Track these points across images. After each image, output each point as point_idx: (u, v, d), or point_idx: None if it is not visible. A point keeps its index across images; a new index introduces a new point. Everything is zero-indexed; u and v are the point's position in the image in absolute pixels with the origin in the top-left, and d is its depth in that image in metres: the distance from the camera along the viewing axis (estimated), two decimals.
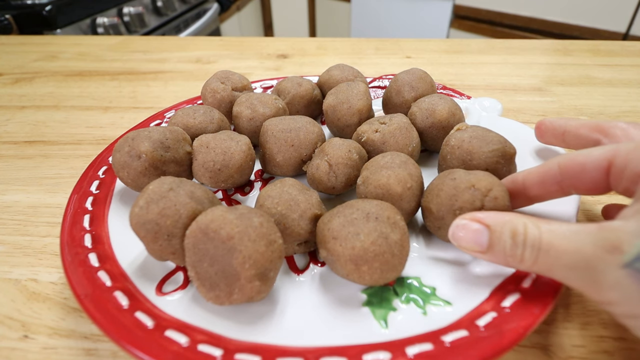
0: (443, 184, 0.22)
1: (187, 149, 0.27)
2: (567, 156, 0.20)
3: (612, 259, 0.15)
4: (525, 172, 0.22)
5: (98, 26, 0.95)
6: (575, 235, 0.16)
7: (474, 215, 0.19)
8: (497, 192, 0.20)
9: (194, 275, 0.20)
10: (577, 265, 0.16)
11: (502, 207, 0.20)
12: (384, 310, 0.20)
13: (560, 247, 0.16)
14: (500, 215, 0.18)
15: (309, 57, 0.59)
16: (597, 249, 0.15)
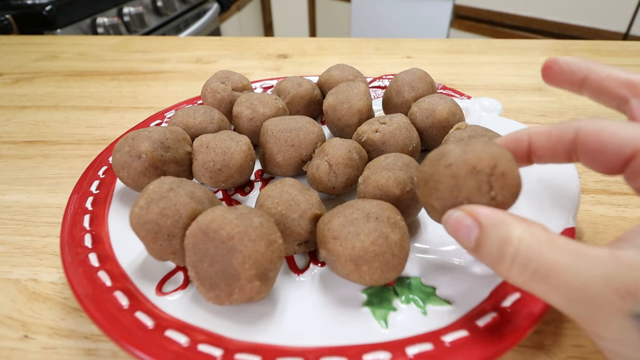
0: (438, 173, 0.18)
1: (187, 149, 0.27)
2: (589, 127, 0.17)
3: (623, 305, 0.13)
4: (533, 132, 0.19)
5: (98, 26, 0.95)
6: (583, 264, 0.13)
7: (470, 208, 0.17)
8: (504, 167, 0.17)
9: (194, 275, 0.20)
10: (579, 300, 0.13)
11: (512, 182, 0.17)
12: (384, 310, 0.20)
13: (562, 277, 0.13)
14: (498, 215, 0.16)
15: (309, 57, 0.59)
16: (607, 290, 0.13)
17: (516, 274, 0.15)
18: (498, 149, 0.17)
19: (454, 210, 0.17)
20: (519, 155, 0.19)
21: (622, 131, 0.16)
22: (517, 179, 0.17)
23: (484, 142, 0.18)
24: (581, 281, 0.13)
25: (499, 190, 0.17)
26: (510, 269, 0.15)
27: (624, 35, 1.17)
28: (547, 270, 0.14)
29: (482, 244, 0.16)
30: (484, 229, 0.16)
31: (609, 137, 0.16)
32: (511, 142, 0.19)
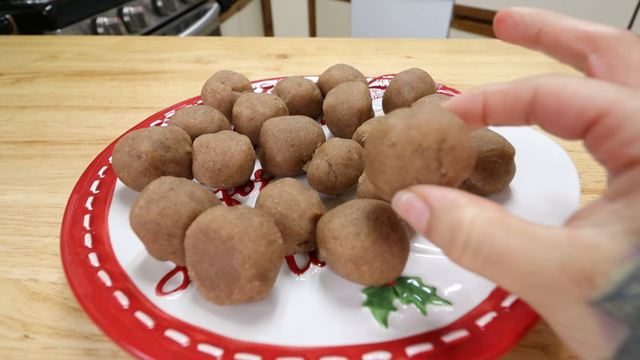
0: (382, 154, 0.16)
1: (187, 149, 0.27)
2: (549, 85, 0.14)
3: (579, 292, 0.12)
4: (489, 92, 0.16)
5: (98, 26, 0.95)
6: (538, 248, 0.12)
7: (420, 189, 0.15)
8: (453, 139, 0.15)
9: (194, 275, 0.20)
10: (534, 286, 0.13)
11: (463, 154, 0.15)
12: (384, 310, 0.20)
13: (516, 264, 0.13)
14: (450, 195, 0.14)
15: (309, 57, 0.59)
16: (562, 276, 0.12)
17: (468, 260, 0.14)
18: (445, 118, 0.16)
19: (404, 192, 0.16)
20: (472, 117, 0.17)
21: (585, 91, 0.14)
22: (469, 150, 0.16)
23: (430, 110, 0.16)
24: (535, 267, 0.12)
25: (449, 165, 0.15)
26: (462, 255, 0.14)
27: None
28: (500, 256, 0.13)
29: (434, 229, 0.14)
30: (434, 212, 0.14)
31: (570, 97, 0.14)
32: (465, 103, 0.17)
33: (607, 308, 0.12)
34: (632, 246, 0.11)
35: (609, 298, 0.11)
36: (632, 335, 0.11)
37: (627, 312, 0.11)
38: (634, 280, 0.11)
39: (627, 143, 0.12)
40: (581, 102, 0.13)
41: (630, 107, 0.12)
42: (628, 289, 0.11)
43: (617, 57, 0.16)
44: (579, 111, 0.14)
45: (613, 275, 0.11)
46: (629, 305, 0.11)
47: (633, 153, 0.12)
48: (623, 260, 0.11)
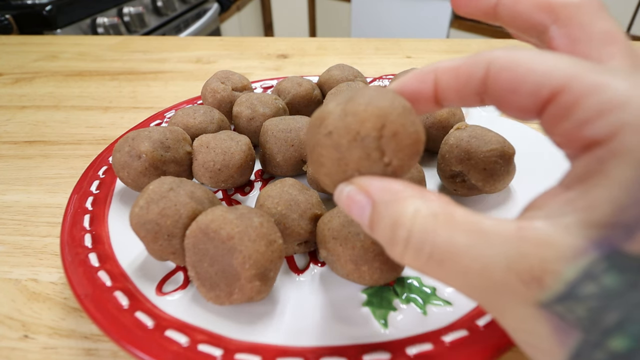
0: (320, 145, 0.15)
1: (187, 149, 0.27)
2: (502, 60, 0.13)
3: (527, 293, 0.11)
4: (440, 69, 0.15)
5: (98, 26, 0.95)
6: (483, 245, 0.11)
7: (361, 182, 0.14)
8: (394, 124, 0.14)
9: (194, 275, 0.20)
10: (480, 287, 0.11)
11: (408, 141, 0.14)
12: (384, 310, 0.20)
13: (459, 263, 0.11)
14: (392, 186, 0.13)
15: (309, 57, 0.59)
16: (509, 275, 0.11)
17: (411, 259, 0.12)
18: (385, 102, 0.14)
19: (345, 185, 0.14)
20: (423, 99, 0.15)
21: (540, 66, 0.12)
22: (414, 135, 0.14)
23: (370, 93, 0.14)
24: (480, 265, 0.11)
25: (392, 154, 0.14)
26: (404, 253, 0.12)
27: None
28: (443, 254, 0.12)
29: (376, 224, 0.13)
30: (376, 206, 0.13)
31: (524, 74, 0.12)
32: (413, 83, 0.15)
33: (557, 310, 0.11)
34: (586, 240, 0.10)
35: (559, 299, 0.10)
36: (585, 339, 0.10)
37: (580, 314, 0.10)
38: (587, 278, 0.10)
39: (583, 123, 0.11)
40: (535, 78, 0.12)
41: (587, 82, 0.11)
42: (580, 288, 0.10)
43: (578, 28, 0.14)
44: (533, 88, 0.12)
45: (564, 274, 0.10)
46: (581, 307, 0.10)
47: (590, 134, 0.11)
48: (576, 257, 0.10)
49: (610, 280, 0.10)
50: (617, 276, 0.10)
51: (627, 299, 0.10)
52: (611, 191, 0.10)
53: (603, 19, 0.14)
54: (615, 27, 0.14)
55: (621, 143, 0.10)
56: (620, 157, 0.10)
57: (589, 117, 0.11)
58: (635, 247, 0.10)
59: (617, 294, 0.10)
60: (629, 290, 0.10)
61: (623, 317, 0.10)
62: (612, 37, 0.14)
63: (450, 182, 0.27)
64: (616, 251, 0.10)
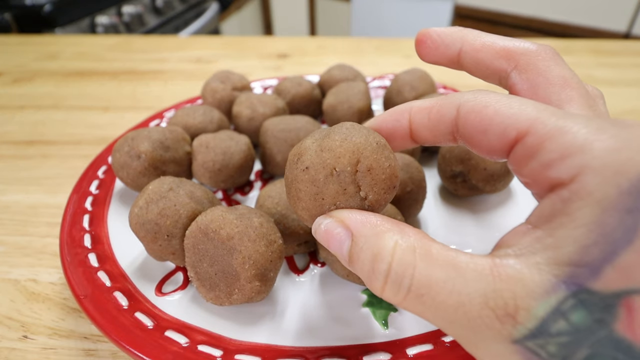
0: (297, 180, 0.15)
1: (186, 149, 0.27)
2: (472, 101, 0.14)
3: (502, 329, 0.11)
4: (414, 109, 0.16)
5: (97, 26, 0.95)
6: (461, 280, 0.11)
7: (340, 214, 0.14)
8: (369, 160, 0.14)
9: (194, 275, 0.20)
10: (456, 322, 0.12)
11: (382, 175, 0.15)
12: (384, 310, 0.20)
13: (437, 297, 0.12)
14: (371, 220, 0.13)
15: (309, 57, 0.59)
16: (485, 311, 0.11)
17: (391, 293, 0.13)
18: (360, 138, 0.15)
19: (324, 218, 0.15)
20: (399, 136, 0.16)
21: (506, 109, 0.13)
22: (388, 170, 0.15)
23: (346, 129, 0.15)
24: (457, 301, 0.11)
25: (368, 188, 0.14)
26: (384, 287, 0.13)
27: (625, 35, 1.17)
28: (421, 289, 0.12)
29: (355, 258, 0.13)
30: (355, 239, 0.13)
31: (492, 116, 0.13)
32: (389, 121, 0.16)
33: (530, 346, 0.11)
34: (554, 278, 0.11)
35: (532, 336, 0.11)
36: None
37: (551, 351, 0.11)
38: (557, 315, 0.11)
39: (547, 165, 0.12)
40: (502, 120, 0.13)
41: (550, 126, 0.12)
42: (551, 325, 0.11)
43: (537, 73, 0.15)
44: (501, 129, 0.13)
45: (535, 311, 0.11)
46: (553, 343, 0.11)
47: (554, 176, 0.11)
48: (546, 294, 0.11)
49: (578, 317, 0.10)
50: (584, 313, 0.10)
51: (595, 335, 0.10)
52: (574, 232, 0.11)
53: (559, 65, 0.15)
54: (570, 72, 0.15)
55: (582, 185, 0.11)
56: (581, 200, 0.11)
57: (552, 159, 0.11)
58: (600, 285, 0.10)
59: (585, 330, 0.10)
60: (596, 327, 0.10)
61: (591, 353, 0.10)
62: (569, 81, 0.15)
63: (450, 182, 0.27)
64: (582, 289, 0.10)
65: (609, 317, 0.10)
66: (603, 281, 0.10)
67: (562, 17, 1.26)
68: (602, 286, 0.10)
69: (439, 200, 0.28)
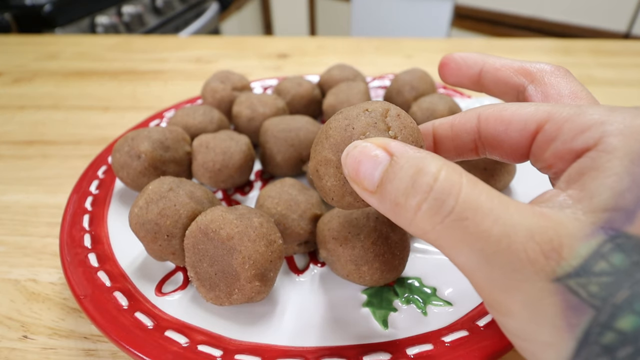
0: (328, 125, 0.16)
1: (186, 149, 0.27)
2: (490, 108, 0.15)
3: (545, 264, 0.11)
4: (437, 123, 0.17)
5: (97, 25, 0.95)
6: (508, 211, 0.11)
7: (381, 139, 0.13)
8: (397, 110, 0.15)
9: (194, 275, 0.20)
10: (496, 254, 0.11)
11: (410, 124, 0.15)
12: (384, 310, 0.20)
13: (482, 223, 0.11)
14: (415, 149, 0.13)
15: (309, 57, 0.59)
16: (531, 244, 0.11)
17: (426, 213, 0.11)
18: (382, 104, 0.16)
19: (360, 141, 0.14)
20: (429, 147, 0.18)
21: (523, 109, 0.14)
22: (415, 126, 0.15)
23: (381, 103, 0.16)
24: (502, 231, 0.11)
25: (398, 129, 0.15)
26: (420, 206, 0.12)
27: (625, 35, 1.17)
28: (467, 211, 0.11)
29: (389, 178, 0.12)
30: (395, 160, 0.12)
31: (511, 116, 0.15)
32: None
33: (571, 286, 0.11)
34: (593, 224, 0.11)
35: (575, 274, 0.11)
36: (595, 320, 0.10)
37: (593, 291, 0.11)
38: (598, 257, 0.11)
39: (570, 140, 0.13)
40: (521, 117, 0.14)
41: (567, 112, 0.13)
42: (593, 265, 0.11)
43: (551, 87, 0.17)
44: (522, 125, 0.14)
45: (579, 249, 0.11)
46: (594, 284, 0.11)
47: (578, 145, 0.13)
48: (586, 237, 0.11)
49: (618, 259, 0.11)
50: (623, 256, 0.11)
51: (633, 277, 0.10)
52: (607, 180, 0.11)
53: (571, 82, 0.17)
54: (581, 87, 0.16)
55: (608, 143, 0.12)
56: (610, 153, 0.12)
57: (574, 135, 0.13)
58: (636, 229, 0.11)
59: (624, 272, 0.10)
60: (634, 269, 0.10)
61: (632, 295, 0.10)
62: (579, 94, 0.16)
63: None
64: (620, 233, 0.11)
65: None
66: (638, 225, 0.11)
67: (562, 17, 1.26)
68: (637, 230, 0.11)
69: None
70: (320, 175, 0.16)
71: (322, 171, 0.16)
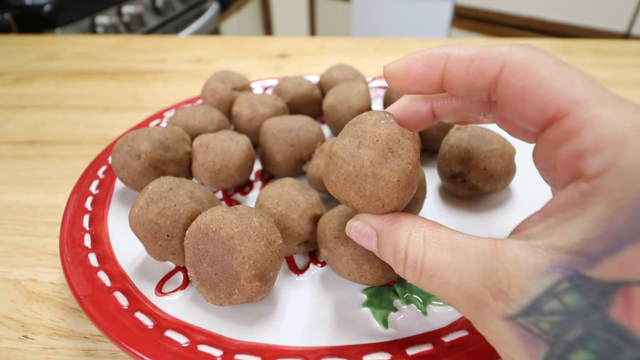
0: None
1: (186, 149, 0.27)
2: (517, 65, 0.13)
3: (495, 305, 0.12)
4: (452, 58, 0.15)
5: (97, 26, 0.95)
6: (462, 261, 0.13)
7: (364, 217, 0.17)
8: (363, 125, 0.16)
9: (194, 275, 0.20)
10: (460, 298, 0.13)
11: (378, 137, 0.16)
12: (385, 310, 0.20)
13: (442, 276, 0.13)
14: (388, 221, 0.16)
15: (309, 57, 0.59)
16: (481, 288, 0.12)
17: (409, 275, 0.15)
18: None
19: (353, 220, 0.17)
20: (427, 83, 0.15)
21: (552, 83, 0.12)
22: (380, 131, 0.16)
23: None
24: (459, 279, 0.13)
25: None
26: (405, 271, 0.15)
27: (625, 35, 1.17)
28: (430, 270, 0.14)
29: (381, 251, 0.16)
30: (379, 236, 0.16)
31: (535, 86, 0.13)
32: (420, 65, 0.15)
33: (523, 323, 0.11)
34: (550, 261, 0.11)
35: (525, 313, 0.11)
36: (551, 352, 0.11)
37: (544, 328, 0.11)
38: (550, 296, 0.11)
39: (579, 154, 0.12)
40: (545, 93, 0.12)
41: (592, 112, 0.11)
42: (544, 304, 0.11)
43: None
44: (541, 103, 0.12)
45: (528, 289, 0.11)
46: (545, 322, 0.11)
47: (582, 166, 0.11)
48: (540, 275, 0.11)
49: (572, 299, 0.11)
50: (578, 297, 0.11)
51: (588, 318, 0.11)
52: (582, 224, 0.11)
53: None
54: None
55: (605, 182, 0.11)
56: (599, 196, 0.11)
57: (586, 149, 0.11)
58: (597, 274, 0.11)
59: (578, 312, 0.11)
60: (590, 310, 0.11)
61: (585, 334, 0.11)
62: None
63: (450, 182, 0.27)
64: (579, 275, 0.11)
65: (603, 302, 0.10)
66: (601, 271, 0.11)
67: (561, 17, 1.26)
68: (599, 275, 0.11)
69: (439, 200, 0.28)
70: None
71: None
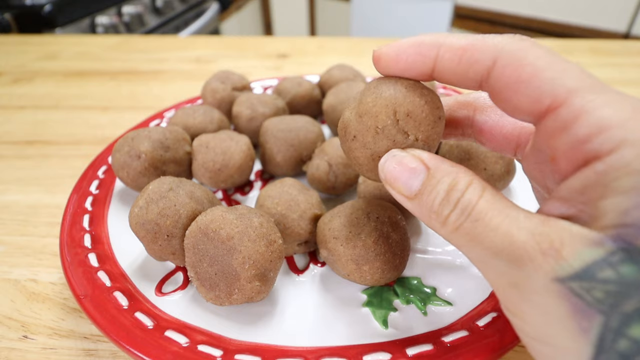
0: (351, 149, 0.17)
1: (186, 149, 0.27)
2: (510, 58, 0.13)
3: (545, 262, 0.11)
4: (444, 48, 0.14)
5: (97, 26, 0.95)
6: (513, 216, 0.12)
7: (417, 152, 0.15)
8: (404, 107, 0.15)
9: (194, 275, 0.20)
10: (502, 253, 0.12)
11: (423, 112, 0.15)
12: (384, 310, 0.20)
13: (490, 222, 0.12)
14: (449, 163, 0.14)
15: (309, 57, 0.59)
16: (530, 242, 0.11)
17: (454, 217, 0.13)
18: (389, 91, 0.15)
19: (399, 151, 0.15)
20: (417, 71, 0.15)
21: (546, 72, 0.12)
22: (426, 106, 0.15)
23: (375, 88, 0.16)
24: (506, 230, 0.12)
25: (415, 130, 0.15)
26: (449, 215, 0.13)
27: (625, 35, 1.17)
28: (480, 213, 0.13)
29: (427, 191, 0.14)
30: (432, 174, 0.14)
31: (529, 77, 0.12)
32: (411, 53, 0.15)
33: (575, 289, 0.11)
34: (602, 233, 0.11)
35: (577, 277, 0.11)
36: (606, 324, 0.10)
37: (598, 297, 0.10)
38: (605, 264, 0.10)
39: (583, 139, 0.11)
40: (539, 85, 0.12)
41: (588, 98, 0.12)
42: (597, 272, 0.10)
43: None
44: (535, 95, 0.12)
45: (582, 253, 0.11)
46: (599, 290, 0.10)
47: (590, 149, 0.11)
48: (594, 244, 0.11)
49: (628, 270, 0.10)
50: (634, 267, 0.10)
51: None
52: (613, 198, 0.11)
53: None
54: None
55: (620, 157, 0.11)
56: (619, 170, 0.11)
57: (589, 133, 0.11)
58: None
59: (634, 284, 0.10)
60: None
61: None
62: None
63: None
64: (633, 246, 0.10)
65: None
66: None
67: (561, 17, 1.26)
68: None
69: None
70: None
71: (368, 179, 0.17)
